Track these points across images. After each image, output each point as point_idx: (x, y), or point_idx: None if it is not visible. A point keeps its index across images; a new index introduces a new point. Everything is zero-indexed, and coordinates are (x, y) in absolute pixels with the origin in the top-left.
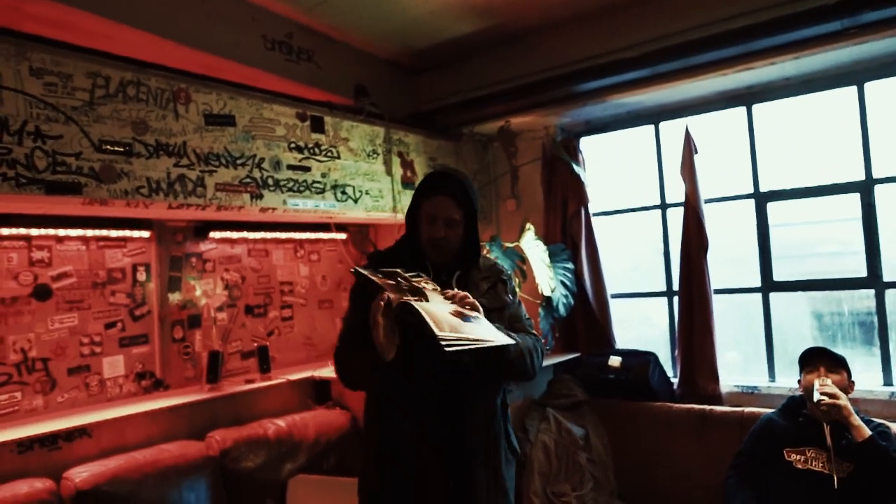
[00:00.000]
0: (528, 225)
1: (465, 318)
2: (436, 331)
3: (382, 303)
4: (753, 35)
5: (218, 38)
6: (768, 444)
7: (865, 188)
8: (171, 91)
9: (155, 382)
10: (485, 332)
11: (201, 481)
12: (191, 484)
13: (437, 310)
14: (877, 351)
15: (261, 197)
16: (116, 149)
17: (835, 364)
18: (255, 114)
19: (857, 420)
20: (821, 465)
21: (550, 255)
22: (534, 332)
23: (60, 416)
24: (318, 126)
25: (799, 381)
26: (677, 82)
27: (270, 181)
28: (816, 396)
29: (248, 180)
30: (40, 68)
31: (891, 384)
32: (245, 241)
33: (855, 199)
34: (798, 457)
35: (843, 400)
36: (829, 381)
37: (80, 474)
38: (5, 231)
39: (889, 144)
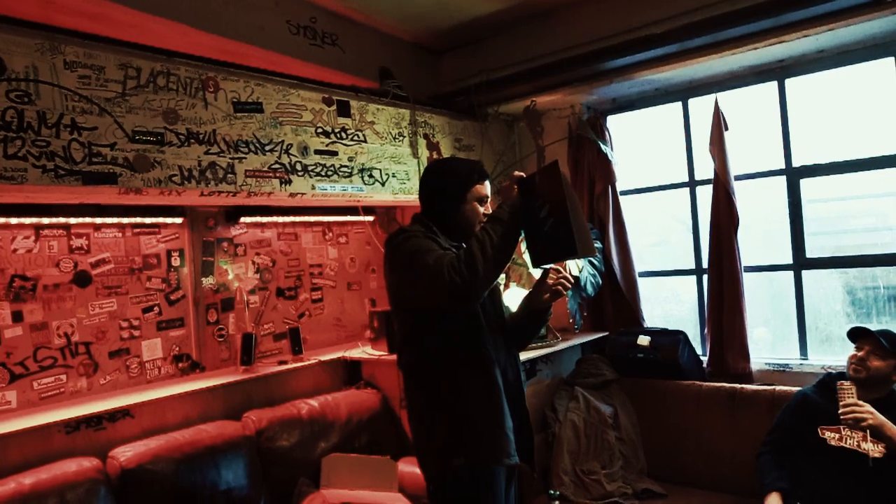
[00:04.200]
0: None
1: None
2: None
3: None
4: (786, 7)
5: (243, 25)
6: (803, 420)
7: None
8: (200, 80)
9: (192, 364)
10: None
11: (239, 460)
12: (229, 462)
13: None
14: None
15: (290, 182)
16: (149, 138)
17: (880, 348)
18: (282, 100)
19: (890, 429)
20: (855, 443)
21: None
22: None
23: (104, 397)
24: (344, 110)
25: None
26: (706, 57)
27: (299, 166)
28: (840, 412)
29: (277, 166)
30: (74, 61)
31: None
32: (275, 224)
33: (891, 173)
34: (832, 434)
35: (868, 415)
36: (852, 392)
37: (125, 453)
38: (46, 220)
39: None
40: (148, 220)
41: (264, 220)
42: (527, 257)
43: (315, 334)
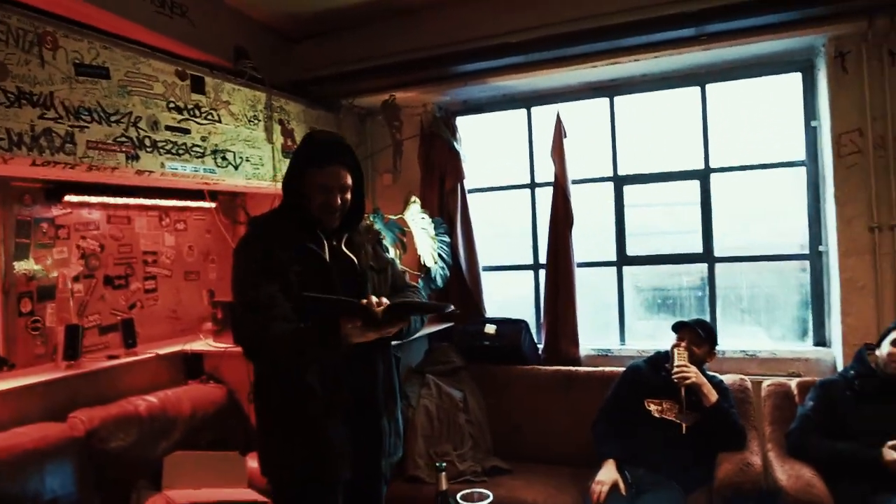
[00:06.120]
0: (414, 198)
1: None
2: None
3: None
4: (622, 33)
5: None
6: (632, 391)
7: (703, 176)
8: (36, 34)
9: None
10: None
11: (65, 465)
12: (53, 469)
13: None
14: (707, 318)
15: (137, 158)
16: None
17: (697, 337)
18: (131, 68)
19: (707, 389)
20: (673, 414)
21: None
22: (411, 282)
23: None
24: (198, 86)
25: None
26: (551, 70)
27: (148, 142)
28: (673, 370)
29: (124, 139)
30: None
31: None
32: (104, 206)
33: (695, 185)
34: (656, 406)
35: (693, 374)
36: (685, 356)
37: None
38: None
39: (723, 139)
40: None
41: (92, 199)
42: None
43: (147, 327)
